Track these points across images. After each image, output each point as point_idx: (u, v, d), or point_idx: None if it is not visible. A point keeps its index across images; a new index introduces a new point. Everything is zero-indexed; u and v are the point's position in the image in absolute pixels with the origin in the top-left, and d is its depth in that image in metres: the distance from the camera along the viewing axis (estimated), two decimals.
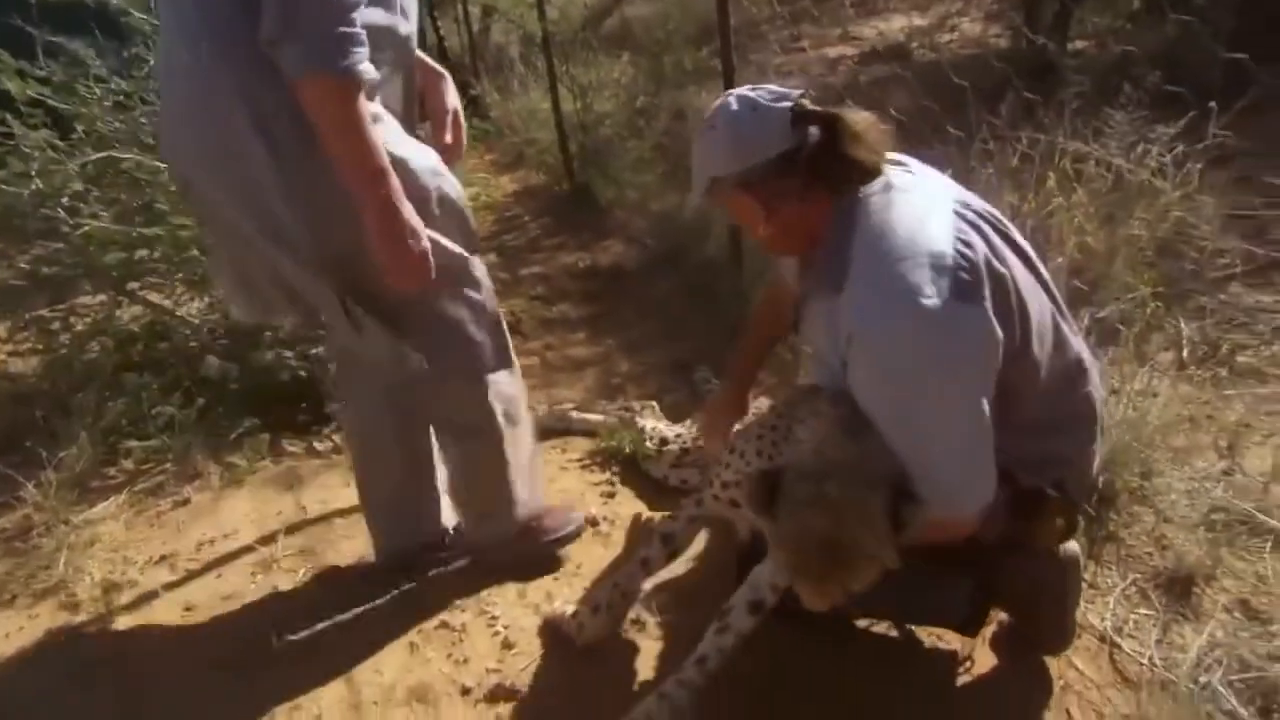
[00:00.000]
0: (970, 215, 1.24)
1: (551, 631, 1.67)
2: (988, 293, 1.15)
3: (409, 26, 1.48)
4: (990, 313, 1.15)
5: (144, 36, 2.55)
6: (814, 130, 1.25)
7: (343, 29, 1.25)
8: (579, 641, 1.61)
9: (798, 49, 5.67)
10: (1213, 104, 2.15)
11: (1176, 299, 2.52)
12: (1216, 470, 1.91)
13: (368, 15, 1.31)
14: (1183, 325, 2.40)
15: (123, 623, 1.82)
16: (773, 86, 1.29)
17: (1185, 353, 2.31)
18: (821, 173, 1.24)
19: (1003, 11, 5.25)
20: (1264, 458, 1.89)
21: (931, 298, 1.11)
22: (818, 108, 1.25)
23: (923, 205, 1.22)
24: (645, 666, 1.60)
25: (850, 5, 6.16)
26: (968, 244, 1.17)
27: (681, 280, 3.17)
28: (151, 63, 2.52)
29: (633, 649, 1.64)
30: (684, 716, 1.34)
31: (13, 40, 2.49)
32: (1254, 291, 2.51)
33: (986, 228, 1.24)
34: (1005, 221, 1.31)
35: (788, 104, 1.24)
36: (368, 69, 1.28)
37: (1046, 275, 1.34)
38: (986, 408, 1.17)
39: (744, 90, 1.30)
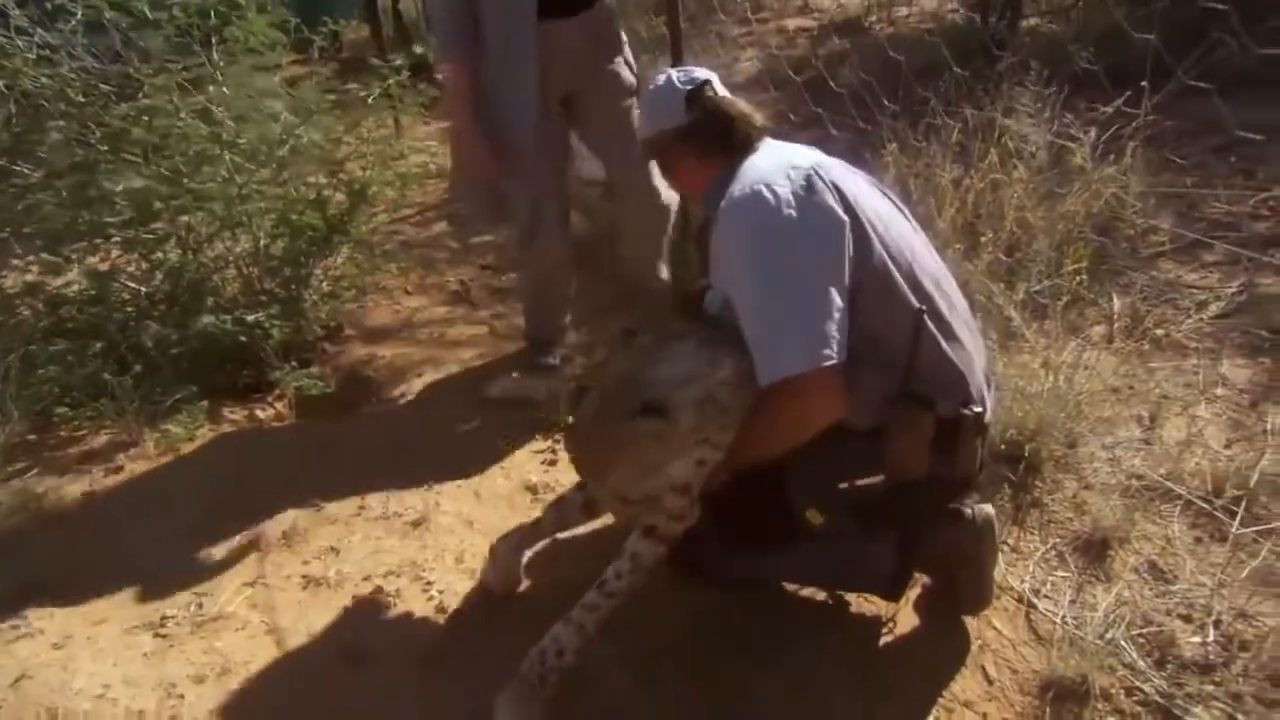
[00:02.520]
0: (835, 166, 1.47)
1: (485, 593, 1.69)
2: (834, 201, 1.37)
3: None
4: (836, 206, 1.36)
5: None
6: (702, 110, 1.54)
7: (441, 39, 2.10)
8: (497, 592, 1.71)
9: (758, 20, 5.64)
10: (1144, 84, 2.19)
11: (1110, 275, 2.59)
12: (1136, 440, 1.99)
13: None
14: (1114, 300, 2.47)
15: (50, 589, 1.79)
16: (693, 70, 1.59)
17: (1115, 327, 2.38)
18: (708, 142, 1.54)
19: None
20: (1180, 428, 1.97)
21: (783, 185, 1.37)
22: (712, 93, 1.55)
23: (792, 150, 1.51)
24: None
25: None
26: (821, 171, 1.40)
27: None
28: (79, 15, 2.41)
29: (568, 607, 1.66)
30: (588, 638, 1.42)
31: None
32: (1181, 267, 2.59)
33: (852, 177, 1.48)
34: (881, 186, 1.56)
35: (689, 88, 1.54)
36: (460, 66, 2.08)
37: (917, 230, 1.55)
38: (827, 280, 1.32)
39: (675, 70, 1.60)
